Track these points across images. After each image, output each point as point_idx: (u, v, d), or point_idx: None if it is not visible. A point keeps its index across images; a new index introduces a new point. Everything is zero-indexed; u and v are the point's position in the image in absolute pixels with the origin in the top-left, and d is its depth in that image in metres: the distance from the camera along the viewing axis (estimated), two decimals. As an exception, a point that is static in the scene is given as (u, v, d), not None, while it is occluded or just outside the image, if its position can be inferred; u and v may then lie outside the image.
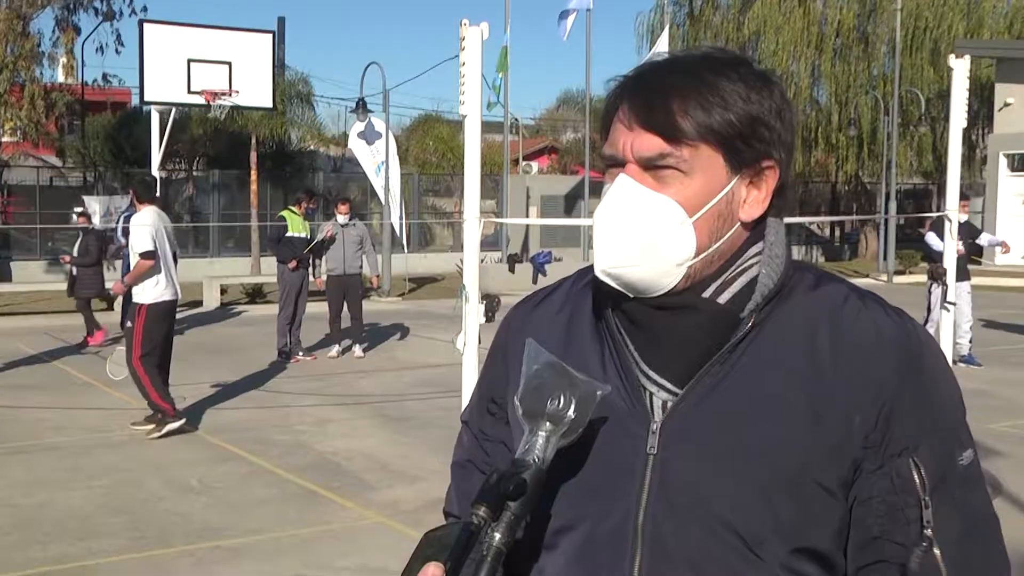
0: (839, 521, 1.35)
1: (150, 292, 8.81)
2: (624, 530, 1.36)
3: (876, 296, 1.45)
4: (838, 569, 1.37)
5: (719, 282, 1.39)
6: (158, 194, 9.14)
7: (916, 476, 1.35)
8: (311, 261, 13.58)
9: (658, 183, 1.35)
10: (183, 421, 8.86)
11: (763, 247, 1.42)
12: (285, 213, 13.72)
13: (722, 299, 1.39)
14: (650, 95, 1.35)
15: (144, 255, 8.87)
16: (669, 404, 1.38)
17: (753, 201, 1.40)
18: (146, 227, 8.90)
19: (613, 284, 1.38)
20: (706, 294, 1.38)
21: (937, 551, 1.34)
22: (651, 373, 1.39)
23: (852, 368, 1.36)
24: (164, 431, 8.76)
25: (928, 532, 1.34)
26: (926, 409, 1.37)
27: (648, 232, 1.35)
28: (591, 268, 1.55)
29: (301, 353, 13.43)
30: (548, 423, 1.28)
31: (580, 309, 1.51)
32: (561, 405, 1.28)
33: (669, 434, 1.37)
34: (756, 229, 1.42)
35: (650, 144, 1.34)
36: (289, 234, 13.36)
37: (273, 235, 13.99)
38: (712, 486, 1.34)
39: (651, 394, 1.39)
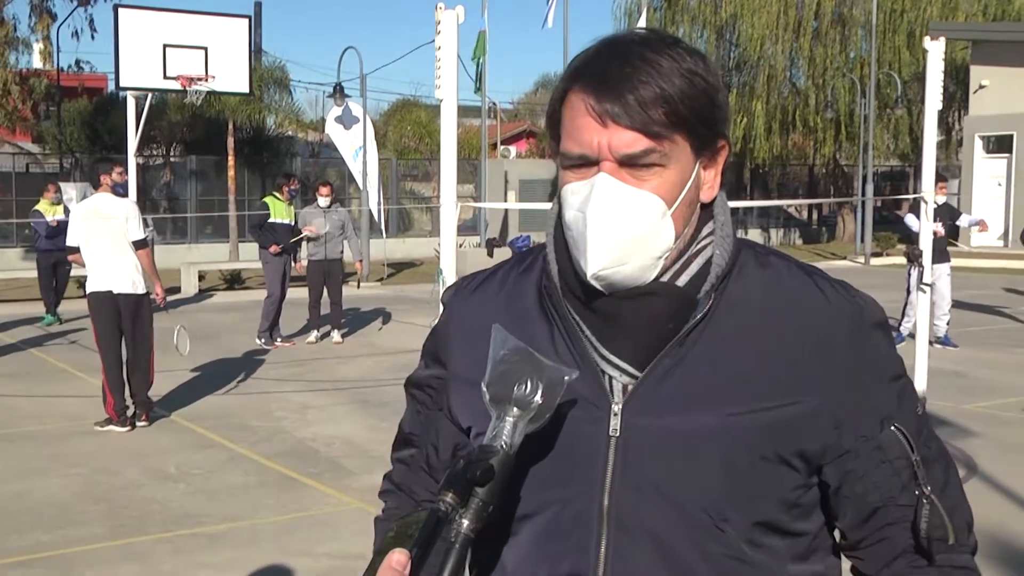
0: (799, 493, 1.38)
1: (89, 282, 8.81)
2: (589, 514, 1.37)
3: (818, 269, 1.48)
4: (801, 535, 1.40)
5: (677, 265, 1.40)
6: (123, 180, 9.05)
7: (903, 440, 1.40)
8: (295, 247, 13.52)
9: (636, 179, 1.34)
10: (126, 429, 8.58)
11: (714, 227, 1.44)
12: (268, 199, 13.63)
13: (680, 281, 1.39)
14: (617, 89, 1.32)
15: (67, 250, 9.32)
16: (630, 387, 1.39)
17: (710, 181, 1.42)
18: (72, 222, 8.98)
19: (598, 286, 1.36)
20: (664, 278, 1.39)
21: (937, 502, 1.40)
22: (611, 357, 1.39)
23: (806, 343, 1.39)
24: (103, 420, 8.68)
25: (927, 489, 1.40)
26: (888, 376, 1.43)
27: (637, 230, 1.34)
28: (530, 251, 1.55)
29: (279, 339, 13.39)
30: (515, 408, 1.27)
31: (523, 293, 1.50)
32: (528, 390, 1.27)
33: (630, 416, 1.37)
34: (707, 208, 1.45)
35: (632, 141, 1.32)
36: (272, 220, 13.31)
37: (255, 221, 13.93)
38: (675, 466, 1.35)
39: (611, 378, 1.39)
